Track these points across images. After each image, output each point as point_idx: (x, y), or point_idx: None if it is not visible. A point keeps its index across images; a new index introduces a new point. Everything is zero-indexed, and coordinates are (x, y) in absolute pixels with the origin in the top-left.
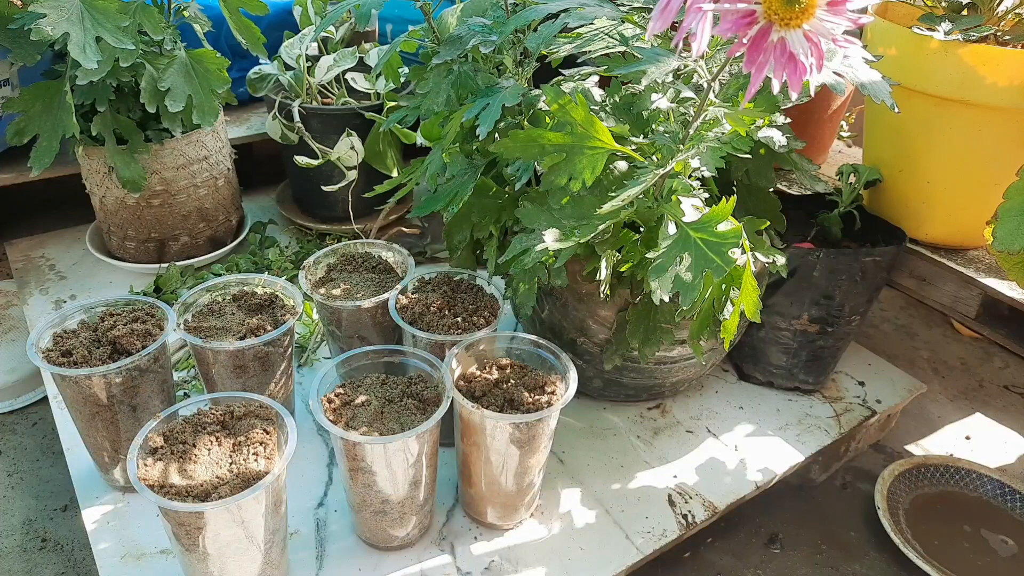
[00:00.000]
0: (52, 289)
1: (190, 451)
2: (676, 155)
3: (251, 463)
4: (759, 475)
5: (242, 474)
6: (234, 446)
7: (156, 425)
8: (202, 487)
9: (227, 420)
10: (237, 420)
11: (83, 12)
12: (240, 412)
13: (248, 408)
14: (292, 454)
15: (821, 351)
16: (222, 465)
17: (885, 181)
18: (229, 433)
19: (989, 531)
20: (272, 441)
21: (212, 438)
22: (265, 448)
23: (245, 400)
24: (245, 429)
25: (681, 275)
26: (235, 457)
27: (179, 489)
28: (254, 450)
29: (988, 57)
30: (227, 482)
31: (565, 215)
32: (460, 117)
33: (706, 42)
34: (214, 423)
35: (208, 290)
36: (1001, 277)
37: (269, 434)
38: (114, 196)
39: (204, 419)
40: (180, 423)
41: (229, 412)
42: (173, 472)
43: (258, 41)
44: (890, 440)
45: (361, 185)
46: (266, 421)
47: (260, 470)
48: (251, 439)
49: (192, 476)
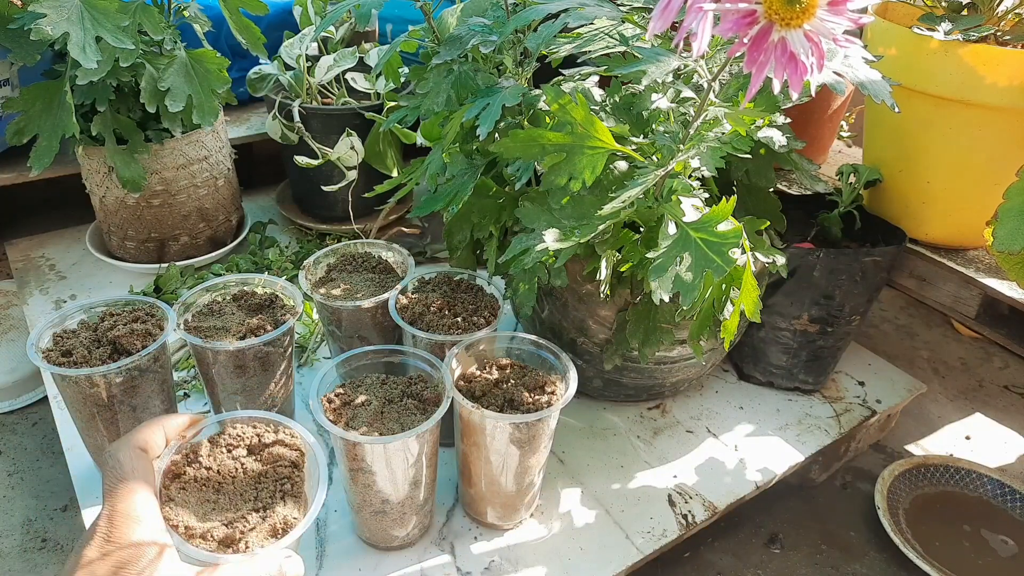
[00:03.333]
0: (52, 289)
1: (213, 478)
2: (676, 155)
3: (279, 506)
4: (759, 475)
5: (268, 518)
6: (260, 477)
7: (179, 447)
8: (226, 531)
9: (254, 445)
10: (265, 447)
11: (83, 12)
12: (269, 440)
13: (276, 436)
14: (321, 504)
15: (821, 351)
16: (247, 498)
17: (885, 181)
18: (256, 459)
19: (989, 531)
20: (300, 477)
21: (238, 464)
22: (293, 486)
23: (273, 424)
24: (272, 460)
25: (681, 275)
26: (261, 494)
27: (203, 532)
28: (282, 488)
29: (988, 57)
30: (253, 527)
31: (565, 215)
32: (460, 117)
33: (706, 42)
34: (239, 446)
35: (208, 290)
36: (1001, 277)
37: (298, 469)
38: (114, 196)
39: (230, 441)
40: (205, 445)
41: (257, 436)
42: (195, 504)
43: (258, 41)
44: (890, 440)
45: (361, 185)
46: (294, 451)
47: (287, 515)
48: (279, 472)
49: (212, 515)
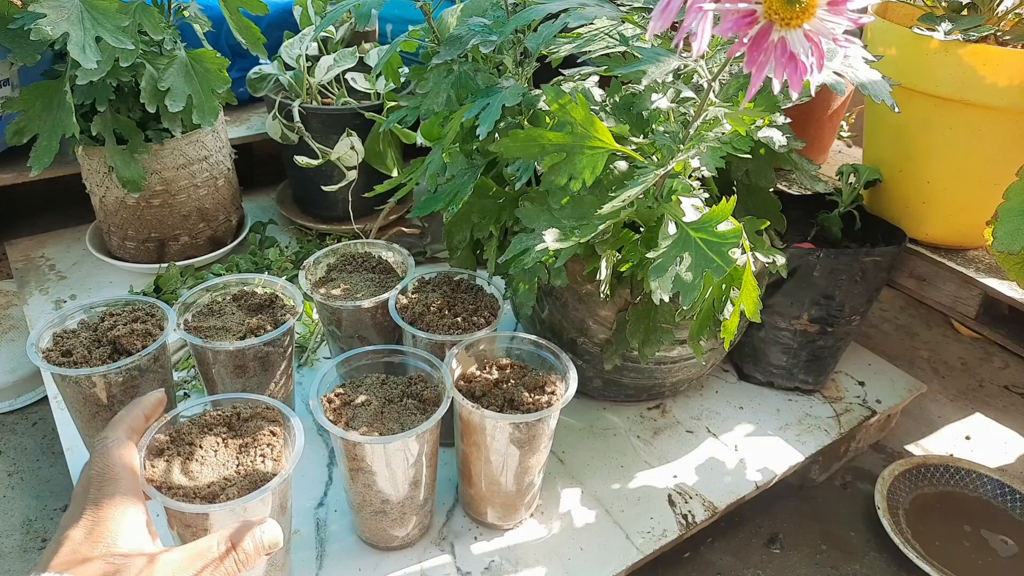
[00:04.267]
0: (52, 289)
1: (196, 452)
2: (676, 155)
3: (258, 465)
4: (759, 475)
5: (249, 475)
6: (241, 447)
7: (162, 426)
8: (209, 489)
9: (233, 422)
10: (244, 422)
11: (83, 12)
12: (247, 414)
13: (255, 410)
14: (300, 455)
15: (821, 351)
16: (229, 466)
17: (885, 181)
18: (236, 434)
19: (989, 531)
20: (279, 443)
21: (218, 439)
22: (272, 450)
23: (251, 402)
24: (252, 431)
25: (681, 275)
26: (242, 459)
27: (186, 491)
28: (261, 451)
29: (988, 57)
30: (234, 483)
31: (565, 215)
32: (460, 117)
33: (706, 42)
34: (220, 424)
35: (208, 290)
36: (1001, 277)
37: (276, 436)
38: (114, 196)
39: (210, 420)
40: (186, 424)
41: (236, 414)
42: (179, 473)
43: (258, 41)
44: (890, 440)
45: (361, 185)
46: (273, 423)
47: (267, 471)
48: (258, 441)
49: (199, 477)
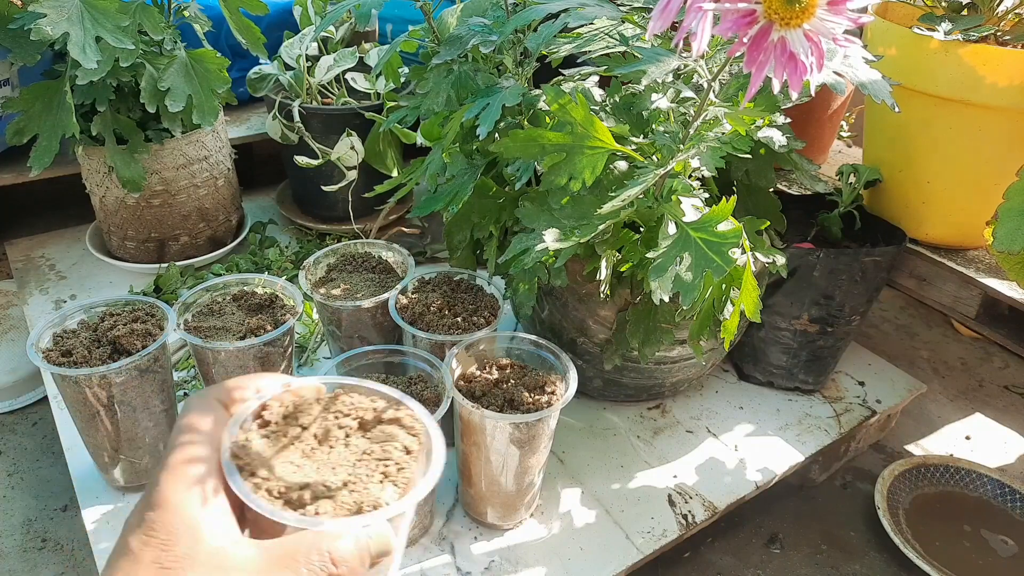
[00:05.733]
0: (52, 289)
1: (307, 438)
2: (676, 155)
3: (372, 484)
4: (759, 475)
5: (358, 493)
6: (363, 454)
7: (283, 394)
8: (301, 492)
9: (369, 421)
10: (380, 424)
11: (83, 12)
12: (388, 416)
13: (396, 415)
14: (425, 493)
15: (821, 351)
16: (339, 472)
17: (885, 181)
18: (364, 435)
19: (989, 531)
20: (409, 465)
21: (343, 433)
22: (399, 471)
23: (396, 402)
24: (384, 438)
25: (681, 275)
26: (359, 469)
27: (273, 483)
28: (384, 468)
29: (988, 57)
30: (334, 495)
31: (565, 215)
32: (460, 117)
33: (706, 42)
34: (353, 417)
35: (208, 290)
36: (1001, 277)
37: (410, 455)
38: (114, 196)
39: (344, 408)
40: (313, 403)
41: (377, 417)
42: (274, 455)
43: (258, 41)
44: (890, 440)
45: (361, 185)
46: (411, 437)
47: (380, 497)
48: (387, 453)
49: (296, 472)
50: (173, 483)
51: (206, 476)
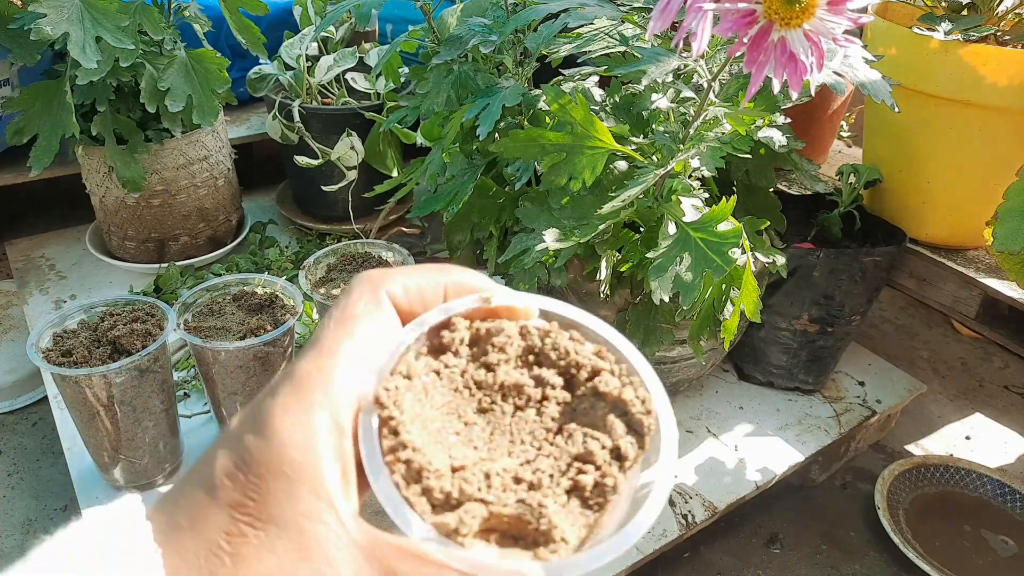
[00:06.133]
0: (52, 289)
1: (487, 388)
2: (676, 155)
3: (553, 506)
4: (759, 475)
5: (530, 515)
6: (564, 436)
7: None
8: (480, 494)
9: (579, 378)
10: (593, 396)
11: (83, 12)
12: (607, 388)
13: (619, 388)
14: (650, 523)
15: (821, 351)
16: (515, 456)
17: (885, 181)
18: (570, 406)
19: (989, 531)
20: (620, 473)
21: (539, 393)
22: (606, 479)
23: (629, 371)
24: (592, 418)
25: (681, 275)
26: (555, 459)
27: (416, 465)
28: (579, 472)
29: (988, 57)
30: (492, 498)
31: (565, 215)
32: (460, 117)
33: (706, 42)
34: (556, 366)
35: (208, 290)
36: (1001, 277)
37: (623, 459)
38: (114, 196)
39: (547, 355)
40: (510, 339)
41: (592, 373)
42: (434, 420)
43: (258, 41)
44: (890, 440)
45: (361, 185)
46: (633, 433)
47: (555, 533)
48: (589, 448)
49: (473, 451)
50: (296, 410)
51: (341, 410)
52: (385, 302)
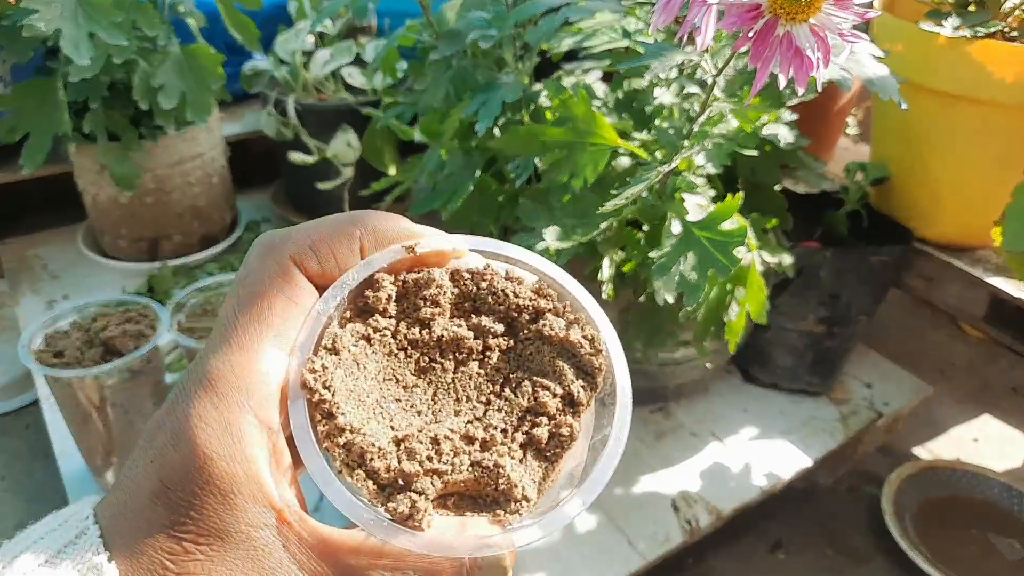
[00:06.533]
0: (44, 289)
1: (424, 344)
2: (680, 152)
3: (510, 463)
4: (764, 479)
5: (488, 476)
6: (503, 386)
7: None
8: (404, 475)
9: (522, 322)
10: (537, 339)
11: (76, 8)
12: (552, 331)
13: (575, 340)
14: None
15: (828, 352)
16: (463, 414)
17: (893, 179)
18: (513, 357)
19: (997, 535)
20: (573, 427)
21: (481, 343)
22: (559, 433)
23: (585, 323)
24: (539, 367)
25: (685, 275)
26: (503, 410)
27: (365, 451)
28: (535, 418)
29: (996, 53)
30: (444, 467)
31: (566, 213)
32: (459, 113)
33: (711, 36)
34: (495, 313)
35: (201, 290)
36: (1009, 277)
37: (577, 407)
38: (107, 194)
39: (482, 292)
40: (440, 286)
41: (532, 307)
42: (370, 393)
43: (253, 36)
44: (897, 443)
45: (357, 183)
46: (586, 376)
47: (516, 491)
48: (539, 399)
49: (400, 416)
50: (214, 419)
51: (265, 405)
52: (292, 271)
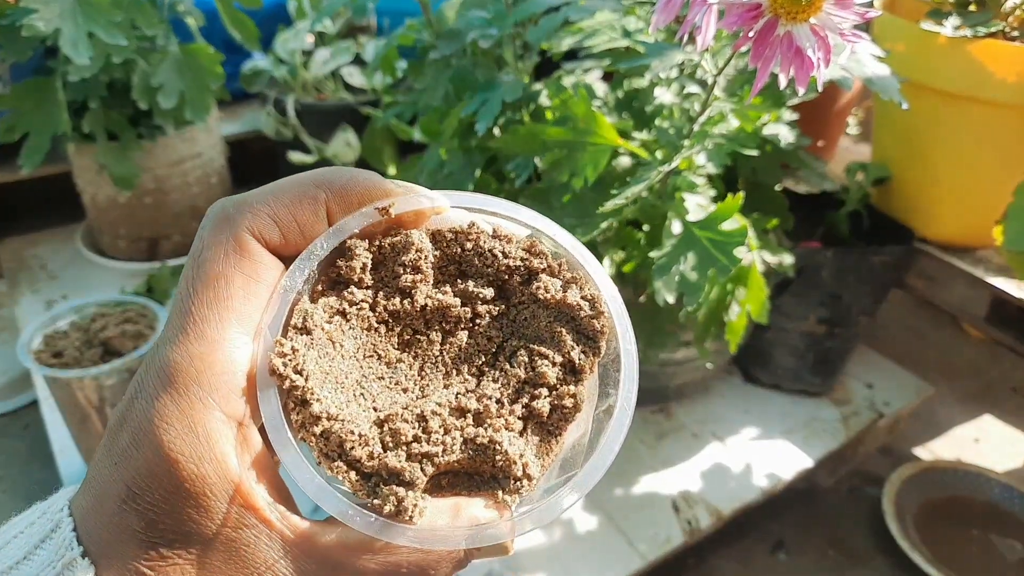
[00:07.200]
0: (43, 289)
1: (407, 316)
2: (680, 151)
3: (509, 437)
4: (765, 480)
5: (484, 455)
6: (495, 356)
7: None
8: (415, 449)
9: (513, 284)
10: (531, 303)
11: (75, 7)
12: (548, 295)
13: (563, 286)
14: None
15: (828, 353)
16: (453, 387)
17: (894, 179)
18: (506, 323)
19: (998, 535)
20: (578, 395)
21: (470, 311)
22: (563, 401)
23: (571, 261)
24: (537, 330)
25: (686, 275)
26: (483, 387)
27: (335, 435)
28: (529, 399)
29: (997, 53)
30: (435, 449)
31: (566, 213)
32: (458, 113)
33: (711, 36)
34: (483, 278)
35: None
36: (1010, 277)
37: (580, 375)
38: (106, 194)
39: (469, 254)
40: (420, 250)
41: (524, 267)
42: (349, 374)
43: (253, 35)
44: (898, 443)
45: None
46: (588, 341)
47: (517, 467)
48: (536, 367)
49: (383, 395)
50: (177, 419)
51: (231, 399)
52: (250, 244)
